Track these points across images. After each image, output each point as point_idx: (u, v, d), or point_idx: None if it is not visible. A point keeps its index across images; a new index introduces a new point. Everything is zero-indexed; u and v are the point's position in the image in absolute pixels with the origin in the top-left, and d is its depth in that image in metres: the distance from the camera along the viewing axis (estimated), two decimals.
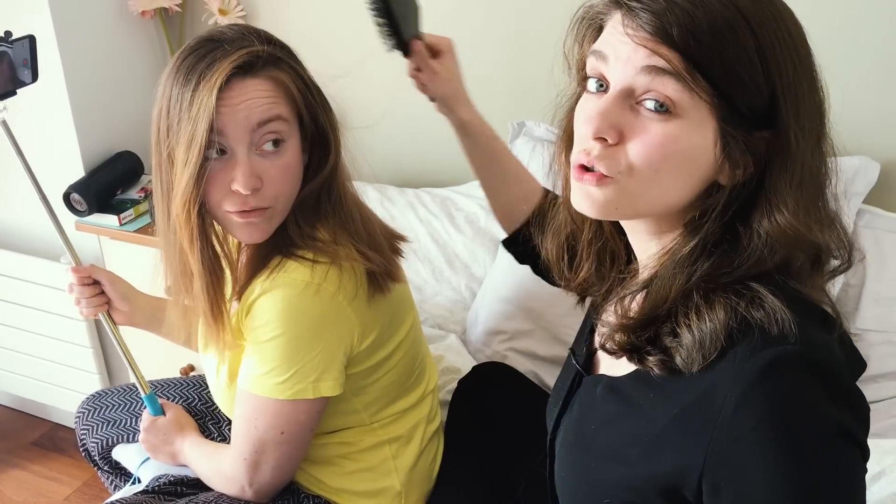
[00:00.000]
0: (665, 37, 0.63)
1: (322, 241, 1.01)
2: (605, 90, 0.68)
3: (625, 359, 0.75)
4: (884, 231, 1.41)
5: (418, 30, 1.09)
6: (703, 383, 0.65)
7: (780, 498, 0.60)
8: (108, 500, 1.27)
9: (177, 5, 1.89)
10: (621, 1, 0.66)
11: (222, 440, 1.28)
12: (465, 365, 1.45)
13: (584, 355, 0.87)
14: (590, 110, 0.67)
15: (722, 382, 0.64)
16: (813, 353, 0.62)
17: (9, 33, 1.10)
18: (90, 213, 1.78)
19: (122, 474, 1.42)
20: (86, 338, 1.99)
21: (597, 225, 0.83)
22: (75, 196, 1.76)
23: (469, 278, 1.66)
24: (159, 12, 1.91)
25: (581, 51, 0.75)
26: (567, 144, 0.78)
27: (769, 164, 0.66)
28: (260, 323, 0.98)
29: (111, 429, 1.37)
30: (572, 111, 0.75)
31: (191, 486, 1.19)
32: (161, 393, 1.36)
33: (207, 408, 1.35)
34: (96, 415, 1.39)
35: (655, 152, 0.65)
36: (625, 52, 0.65)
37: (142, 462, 1.30)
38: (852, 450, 0.62)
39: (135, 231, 1.78)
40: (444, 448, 1.26)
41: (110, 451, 1.37)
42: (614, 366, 0.79)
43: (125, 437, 1.36)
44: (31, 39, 1.11)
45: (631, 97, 0.66)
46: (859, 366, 0.71)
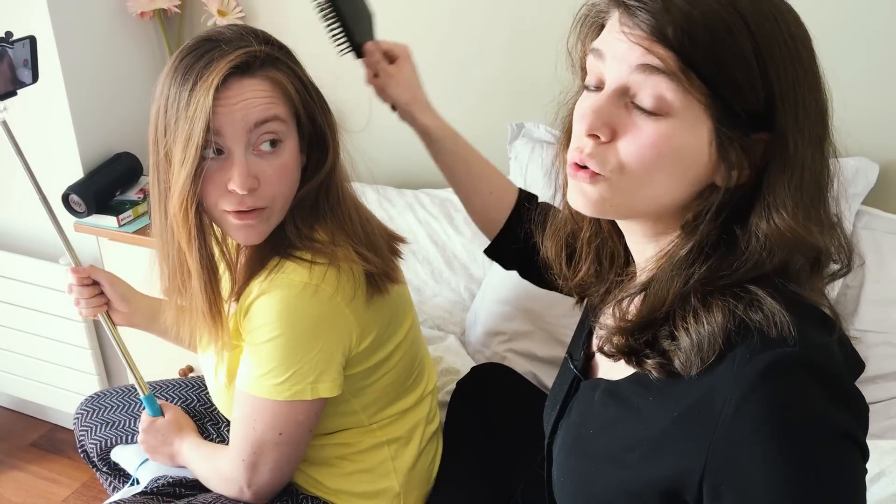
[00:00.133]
0: (660, 36, 0.63)
1: (320, 241, 1.01)
2: (602, 89, 0.68)
3: (623, 362, 0.74)
4: (883, 232, 1.41)
5: (372, 37, 1.10)
6: (703, 386, 0.65)
7: (781, 499, 0.60)
8: (107, 502, 1.27)
9: (175, 6, 1.89)
10: (620, 0, 0.66)
11: (221, 441, 1.28)
12: (464, 366, 1.45)
13: (582, 359, 0.86)
14: (585, 108, 0.68)
15: (721, 385, 0.63)
16: (812, 354, 0.62)
17: (9, 34, 1.10)
18: (89, 214, 1.78)
19: (120, 475, 1.42)
20: (85, 339, 1.99)
21: (595, 224, 0.83)
22: (74, 197, 1.76)
23: (468, 279, 1.66)
24: (158, 13, 1.91)
25: (583, 49, 0.75)
26: (567, 142, 0.78)
27: (767, 167, 0.66)
28: (258, 324, 0.98)
29: (110, 430, 1.37)
30: (574, 109, 0.75)
31: (189, 487, 1.19)
32: (160, 394, 1.36)
33: (206, 409, 1.35)
34: (95, 416, 1.38)
35: (647, 151, 0.65)
36: (621, 50, 0.66)
37: (140, 463, 1.30)
38: (852, 450, 0.62)
39: (133, 232, 1.78)
40: (443, 449, 1.26)
41: (109, 452, 1.37)
42: (612, 369, 0.78)
43: (124, 438, 1.36)
44: (31, 40, 1.11)
45: (626, 95, 0.66)
46: (858, 367, 0.71)
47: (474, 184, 1.13)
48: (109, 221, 1.79)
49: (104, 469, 1.41)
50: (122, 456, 1.35)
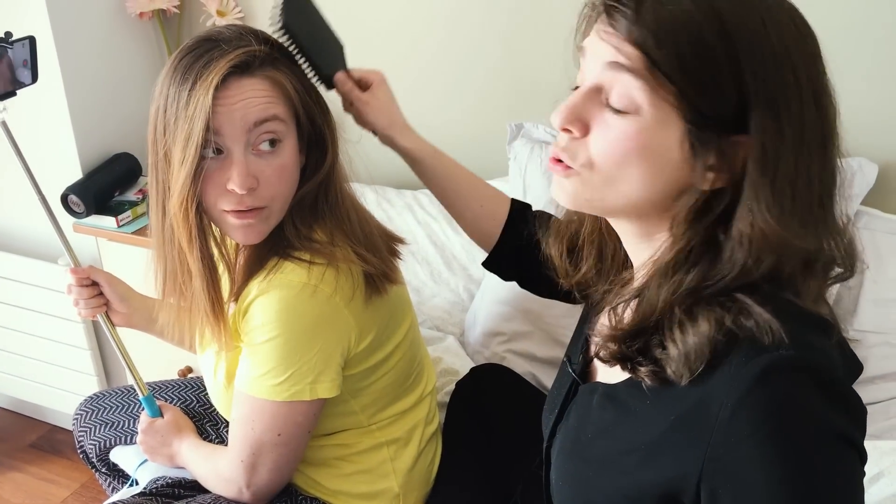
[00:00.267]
0: (629, 35, 0.64)
1: (319, 242, 1.01)
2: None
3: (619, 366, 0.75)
4: (882, 233, 1.41)
5: (343, 65, 1.09)
6: (700, 389, 0.65)
7: (778, 502, 0.60)
8: (106, 502, 1.27)
9: (174, 7, 1.89)
10: (603, 1, 0.68)
11: (220, 442, 1.28)
12: (464, 366, 1.45)
13: (580, 363, 0.86)
14: (562, 104, 0.69)
15: (718, 388, 0.63)
16: (808, 357, 0.62)
17: (9, 34, 1.10)
18: (88, 214, 1.78)
19: (119, 476, 1.42)
20: (84, 339, 1.99)
21: (595, 220, 0.84)
22: (73, 198, 1.76)
23: (467, 280, 1.66)
24: (157, 14, 1.91)
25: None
26: None
27: (748, 169, 0.64)
28: (257, 324, 0.98)
29: (109, 431, 1.36)
30: None
31: (189, 487, 1.19)
32: (159, 395, 1.36)
33: (205, 409, 1.35)
34: (94, 417, 1.38)
35: (613, 148, 0.67)
36: (598, 49, 0.67)
37: (140, 464, 1.30)
38: (850, 453, 0.62)
39: (133, 233, 1.78)
40: (443, 450, 1.26)
41: (108, 452, 1.37)
42: (610, 373, 0.78)
43: (123, 438, 1.36)
44: (31, 40, 1.11)
45: (600, 93, 0.67)
46: (856, 369, 0.71)
47: (463, 199, 1.13)
48: (108, 222, 1.79)
49: (103, 470, 1.41)
50: (122, 457, 1.35)
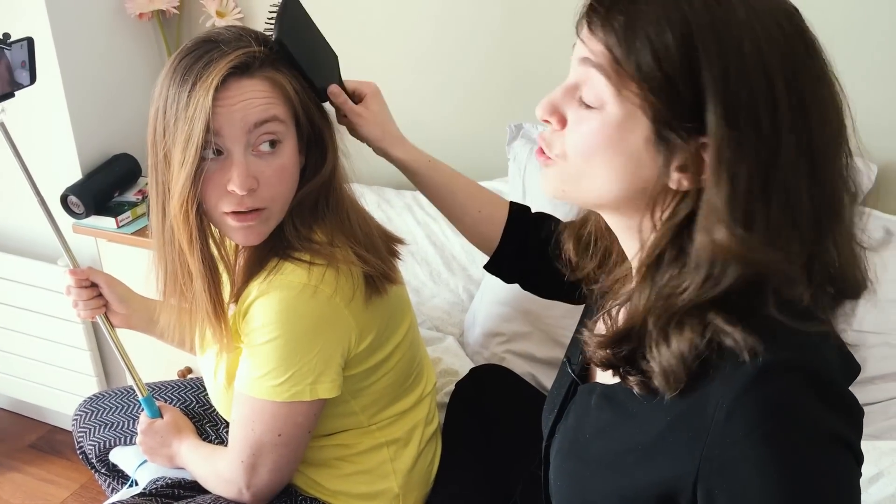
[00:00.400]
0: (598, 33, 0.66)
1: (319, 243, 1.01)
2: None
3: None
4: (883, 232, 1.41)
5: (337, 77, 1.09)
6: (697, 390, 0.65)
7: (773, 503, 0.60)
8: (106, 503, 1.27)
9: (174, 7, 1.89)
10: (586, 2, 0.69)
11: (220, 443, 1.28)
12: (463, 367, 1.45)
13: (580, 364, 0.86)
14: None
15: (714, 389, 0.63)
16: (804, 358, 0.62)
17: (7, 35, 1.10)
18: (87, 215, 1.78)
19: (119, 477, 1.41)
20: (83, 340, 1.99)
21: (594, 221, 0.86)
22: (72, 198, 1.76)
23: (467, 280, 1.66)
24: (157, 14, 1.91)
25: None
26: None
27: (706, 176, 0.64)
28: (257, 325, 0.98)
29: (108, 431, 1.36)
30: None
31: (188, 488, 1.19)
32: (158, 395, 1.36)
33: (205, 410, 1.35)
34: (93, 417, 1.38)
35: (581, 141, 0.69)
36: (577, 47, 0.70)
37: (139, 464, 1.30)
38: (845, 454, 0.62)
39: (132, 233, 1.78)
40: (442, 450, 1.26)
41: (108, 453, 1.37)
42: (608, 374, 0.78)
43: (122, 439, 1.36)
44: (29, 41, 1.11)
45: (577, 90, 0.69)
46: (854, 370, 0.71)
47: (461, 206, 1.13)
48: (108, 223, 1.79)
49: (103, 470, 1.41)
50: (121, 457, 1.35)
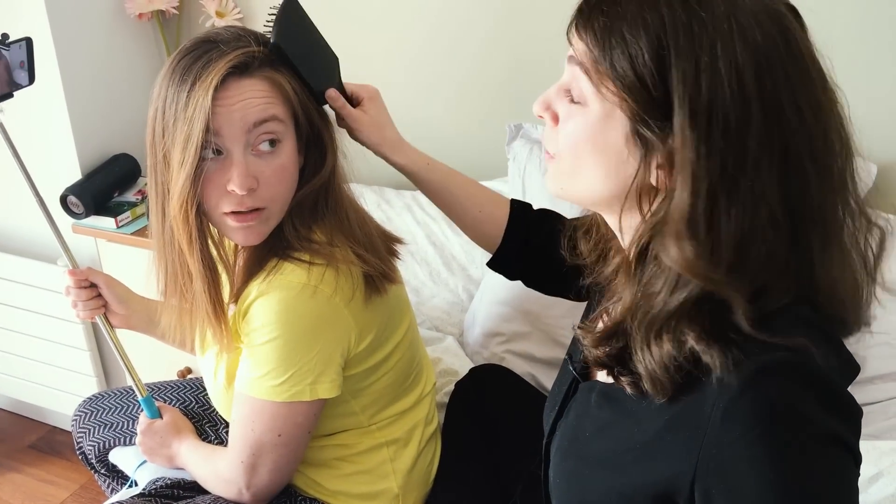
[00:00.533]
0: (581, 31, 0.67)
1: (318, 242, 1.00)
2: None
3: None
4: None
5: (336, 80, 1.08)
6: (694, 390, 0.65)
7: (770, 503, 0.60)
8: (105, 503, 1.27)
9: (174, 8, 1.89)
10: (579, 2, 0.70)
11: (219, 443, 1.28)
12: (463, 367, 1.45)
13: (581, 361, 0.86)
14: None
15: (711, 389, 0.63)
16: (801, 359, 0.62)
17: (6, 35, 1.10)
18: (87, 215, 1.77)
19: (119, 477, 1.41)
20: (83, 340, 1.99)
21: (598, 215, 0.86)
22: (72, 198, 1.76)
23: (466, 280, 1.66)
24: (156, 15, 1.91)
25: None
26: None
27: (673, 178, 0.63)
28: (257, 325, 0.98)
29: (108, 432, 1.36)
30: None
31: (188, 488, 1.19)
32: (158, 396, 1.36)
33: (204, 410, 1.34)
34: (93, 418, 1.38)
35: (570, 139, 0.70)
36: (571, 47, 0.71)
37: (139, 465, 1.30)
38: (843, 455, 0.62)
39: (132, 234, 1.78)
40: (442, 450, 1.26)
41: (107, 454, 1.37)
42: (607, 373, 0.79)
43: (122, 440, 1.35)
44: (28, 42, 1.11)
45: (569, 87, 0.70)
46: (852, 370, 0.71)
47: (461, 206, 1.13)
48: (107, 223, 1.78)
49: (102, 471, 1.41)
50: (121, 458, 1.35)
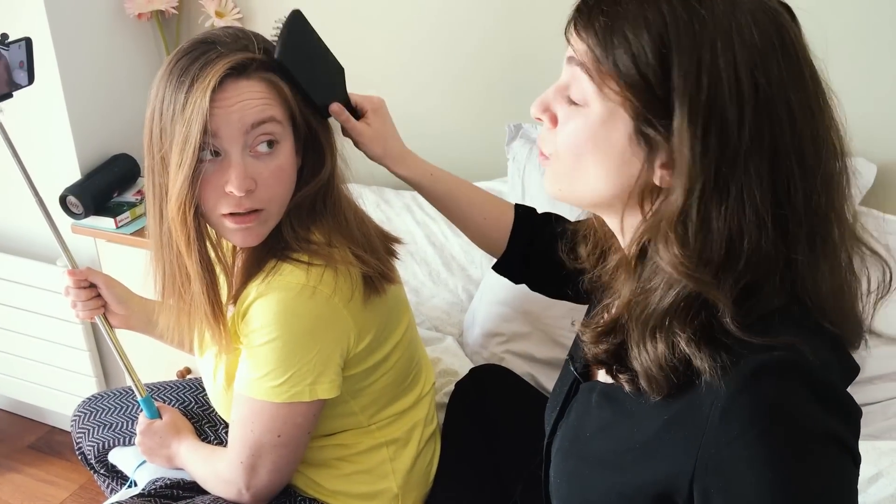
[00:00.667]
0: (581, 32, 0.67)
1: (316, 243, 1.00)
2: None
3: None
4: (880, 233, 1.41)
5: (341, 92, 1.08)
6: (693, 390, 0.65)
7: (768, 503, 0.60)
8: None
9: (173, 8, 1.89)
10: (576, 2, 0.70)
11: (219, 443, 1.28)
12: (463, 367, 1.45)
13: (582, 362, 0.87)
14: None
15: (710, 388, 0.63)
16: (799, 358, 0.62)
17: (5, 35, 1.10)
18: (86, 215, 1.77)
19: (118, 477, 1.41)
20: (82, 341, 1.99)
21: (593, 216, 0.86)
22: (71, 199, 1.76)
23: (466, 280, 1.66)
24: (156, 15, 1.91)
25: None
26: None
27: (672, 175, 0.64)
28: (256, 326, 0.98)
29: (107, 432, 1.36)
30: None
31: (187, 489, 1.19)
32: (157, 396, 1.36)
33: (204, 411, 1.34)
34: (92, 418, 1.38)
35: (568, 139, 0.69)
36: (569, 47, 0.70)
37: (138, 465, 1.30)
38: (840, 454, 0.62)
39: (131, 234, 1.78)
40: (442, 450, 1.26)
41: (107, 454, 1.37)
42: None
43: (122, 440, 1.35)
44: (27, 42, 1.11)
45: (567, 88, 0.70)
46: (852, 370, 0.71)
47: (465, 213, 1.14)
48: (107, 223, 1.78)
49: (102, 471, 1.41)
50: (120, 458, 1.35)
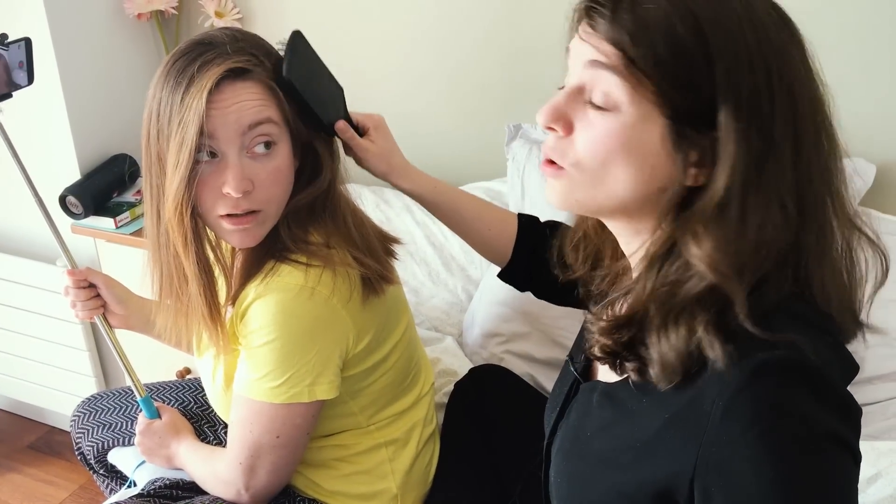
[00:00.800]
0: (606, 33, 0.65)
1: (315, 244, 1.00)
2: None
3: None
4: (880, 234, 1.41)
5: (343, 110, 1.09)
6: (694, 388, 0.65)
7: (769, 502, 0.60)
8: None
9: (173, 8, 1.89)
10: (583, 2, 0.68)
11: (218, 443, 1.28)
12: (462, 367, 1.45)
13: (582, 362, 0.87)
14: (546, 104, 0.70)
15: (711, 387, 0.63)
16: (800, 357, 0.62)
17: (5, 36, 1.10)
18: (86, 215, 1.77)
19: (117, 478, 1.41)
20: (82, 341, 1.99)
21: (587, 223, 0.86)
22: (71, 199, 1.76)
23: (465, 280, 1.66)
24: (155, 15, 1.91)
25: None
26: None
27: (715, 170, 0.64)
28: (254, 328, 0.98)
29: (107, 432, 1.36)
30: None
31: (187, 489, 1.19)
32: (157, 396, 1.36)
33: (203, 411, 1.34)
34: (92, 418, 1.38)
35: (598, 146, 0.67)
36: (578, 49, 0.69)
37: (138, 465, 1.30)
38: (841, 453, 0.62)
39: (131, 234, 1.78)
40: (441, 450, 1.26)
41: (106, 454, 1.37)
42: (610, 372, 0.79)
43: (121, 440, 1.35)
44: (27, 42, 1.11)
45: (583, 92, 0.68)
46: (851, 369, 0.71)
47: (469, 225, 1.14)
48: (106, 223, 1.78)
49: (101, 471, 1.41)
50: (119, 458, 1.35)
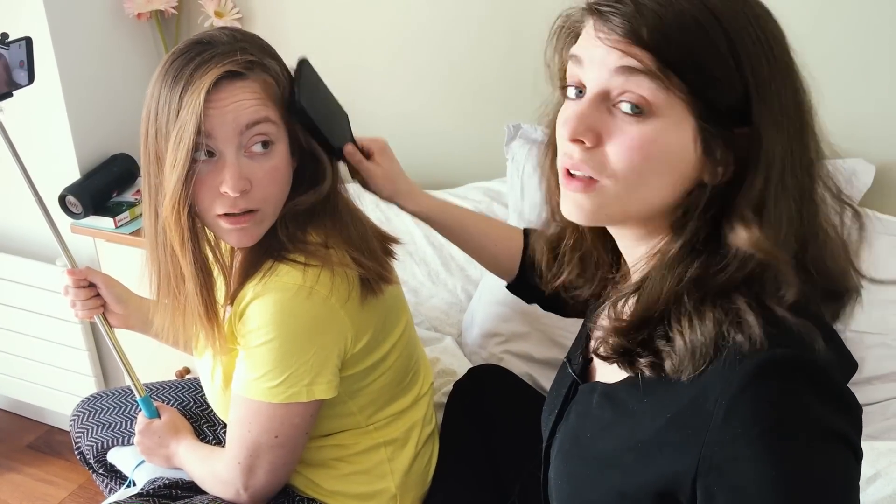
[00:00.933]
0: (636, 38, 0.64)
1: (313, 244, 1.00)
2: (584, 95, 0.69)
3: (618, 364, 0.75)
4: (879, 234, 1.41)
5: (349, 135, 1.11)
6: (695, 388, 0.65)
7: (771, 501, 0.60)
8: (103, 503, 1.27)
9: (173, 7, 1.89)
10: (593, 7, 0.68)
11: (217, 443, 1.28)
12: (461, 367, 1.45)
13: (580, 363, 0.87)
14: (568, 114, 0.68)
15: (712, 386, 0.64)
16: (802, 356, 0.62)
17: (5, 35, 1.10)
18: (85, 215, 1.77)
19: (117, 477, 1.41)
20: (81, 340, 1.99)
21: (578, 232, 0.85)
22: (71, 198, 1.76)
23: (465, 280, 1.66)
24: (155, 14, 1.91)
25: (561, 59, 0.76)
26: (552, 153, 0.79)
27: (747, 162, 0.66)
28: (252, 327, 0.98)
29: (106, 432, 1.36)
30: (556, 120, 0.76)
31: (186, 489, 1.19)
32: (156, 395, 1.36)
33: (202, 411, 1.34)
34: (91, 418, 1.38)
35: (636, 155, 0.66)
36: (598, 55, 0.67)
37: (137, 465, 1.30)
38: (844, 452, 0.62)
39: (130, 233, 1.78)
40: (440, 450, 1.26)
41: (105, 453, 1.37)
42: (609, 373, 0.78)
43: (120, 439, 1.36)
44: (27, 41, 1.11)
45: (607, 100, 0.67)
46: (851, 367, 0.71)
47: (476, 243, 1.16)
48: (106, 223, 1.78)
49: (101, 471, 1.41)
50: (119, 458, 1.35)
